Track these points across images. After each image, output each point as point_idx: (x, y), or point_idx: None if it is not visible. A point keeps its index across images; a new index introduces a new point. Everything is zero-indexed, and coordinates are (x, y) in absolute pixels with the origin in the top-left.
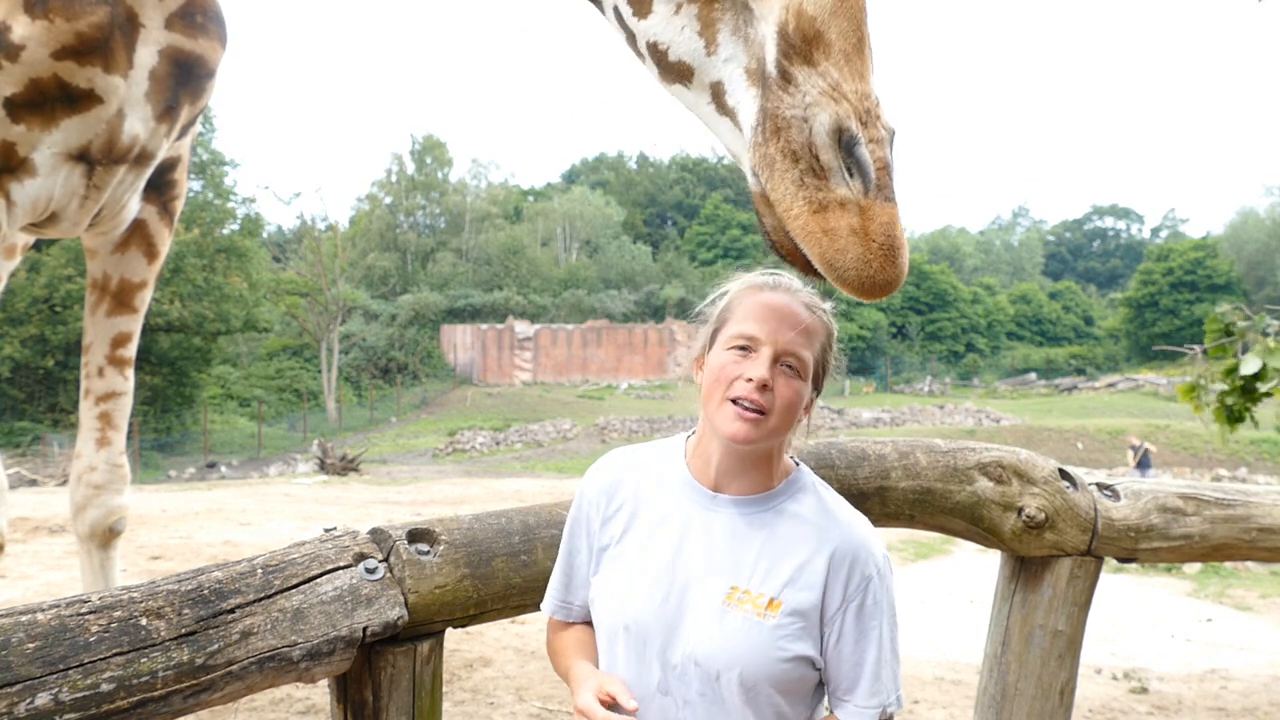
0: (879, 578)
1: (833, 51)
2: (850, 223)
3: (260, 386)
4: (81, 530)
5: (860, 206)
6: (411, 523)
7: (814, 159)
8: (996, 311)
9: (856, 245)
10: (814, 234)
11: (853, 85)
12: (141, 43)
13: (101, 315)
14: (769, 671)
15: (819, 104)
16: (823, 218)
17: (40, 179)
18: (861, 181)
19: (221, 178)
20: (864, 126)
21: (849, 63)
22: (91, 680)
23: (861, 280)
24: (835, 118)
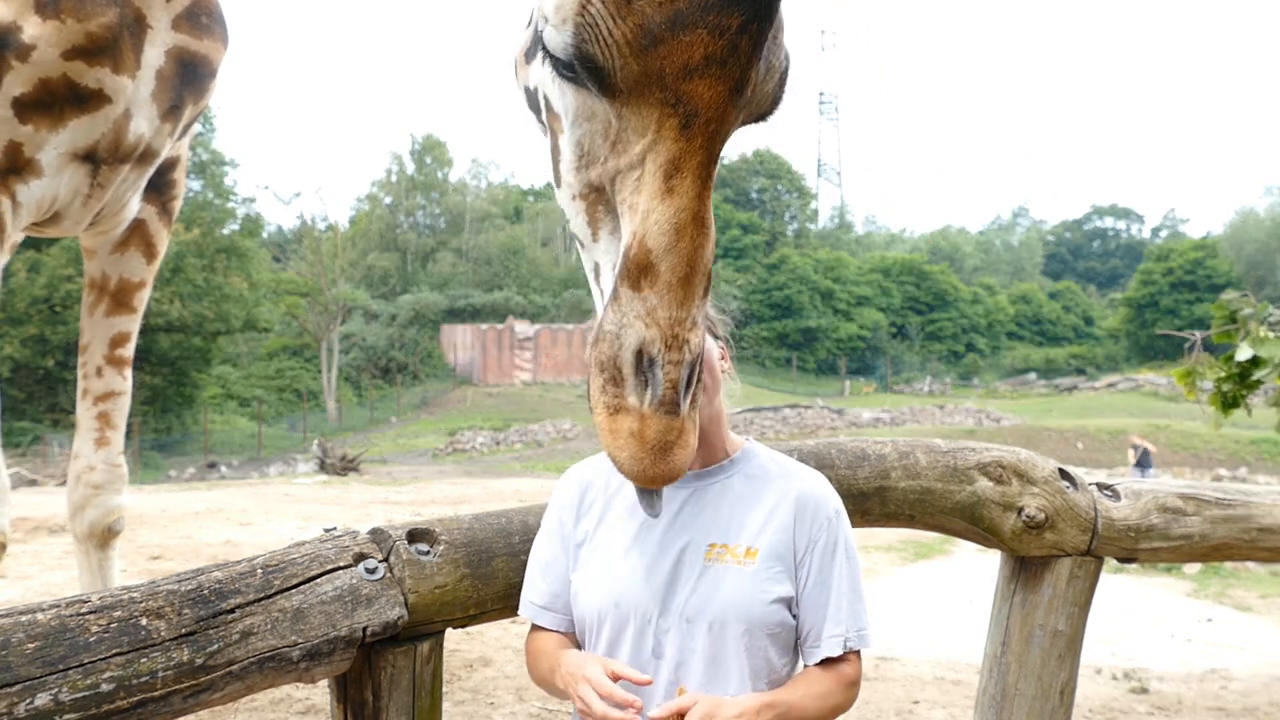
0: (838, 518)
1: (659, 282)
2: (631, 426)
3: (260, 386)
4: (80, 530)
5: (642, 415)
6: (411, 523)
7: (617, 370)
8: (996, 311)
9: (632, 445)
10: (604, 431)
11: (667, 312)
12: (149, 43)
13: (100, 315)
14: (756, 615)
15: (631, 326)
16: (613, 419)
17: (46, 179)
18: (650, 394)
19: (221, 178)
20: (667, 349)
21: (671, 292)
22: (91, 680)
23: (635, 474)
24: (640, 341)
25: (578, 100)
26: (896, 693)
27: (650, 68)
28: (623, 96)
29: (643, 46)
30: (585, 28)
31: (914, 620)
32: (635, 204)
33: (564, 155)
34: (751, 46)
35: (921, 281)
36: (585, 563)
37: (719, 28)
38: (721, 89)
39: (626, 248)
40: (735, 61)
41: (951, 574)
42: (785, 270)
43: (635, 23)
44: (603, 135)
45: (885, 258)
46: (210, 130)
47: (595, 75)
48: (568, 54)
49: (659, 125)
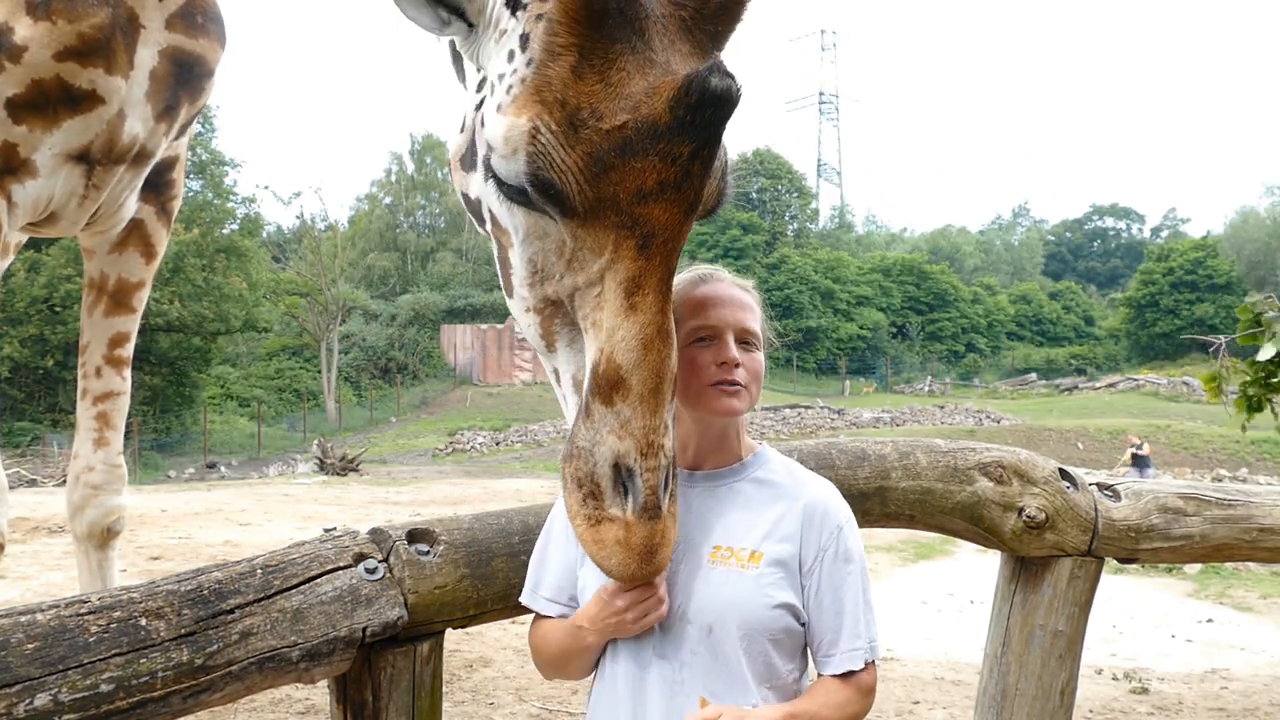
0: (849, 527)
1: (631, 395)
2: (616, 535)
3: (260, 386)
4: (79, 530)
5: (626, 523)
6: (411, 523)
7: (595, 485)
8: (997, 311)
9: (620, 553)
10: (587, 543)
11: (641, 422)
12: (142, 43)
13: (99, 315)
14: (758, 619)
15: (605, 442)
16: (596, 530)
17: (41, 180)
18: (632, 502)
19: (221, 178)
20: (643, 457)
21: (643, 403)
22: (91, 681)
23: (622, 578)
24: (615, 455)
25: (528, 220)
26: (896, 693)
27: (604, 193)
28: (578, 219)
29: (595, 173)
30: (537, 156)
31: (914, 620)
32: (598, 320)
33: (516, 269)
34: (703, 169)
35: (921, 281)
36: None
37: (670, 155)
38: (677, 211)
39: (595, 364)
40: (689, 185)
41: (951, 574)
42: (785, 270)
43: (585, 151)
44: (556, 253)
45: (885, 258)
46: (210, 130)
47: (550, 200)
48: (520, 181)
49: (616, 246)
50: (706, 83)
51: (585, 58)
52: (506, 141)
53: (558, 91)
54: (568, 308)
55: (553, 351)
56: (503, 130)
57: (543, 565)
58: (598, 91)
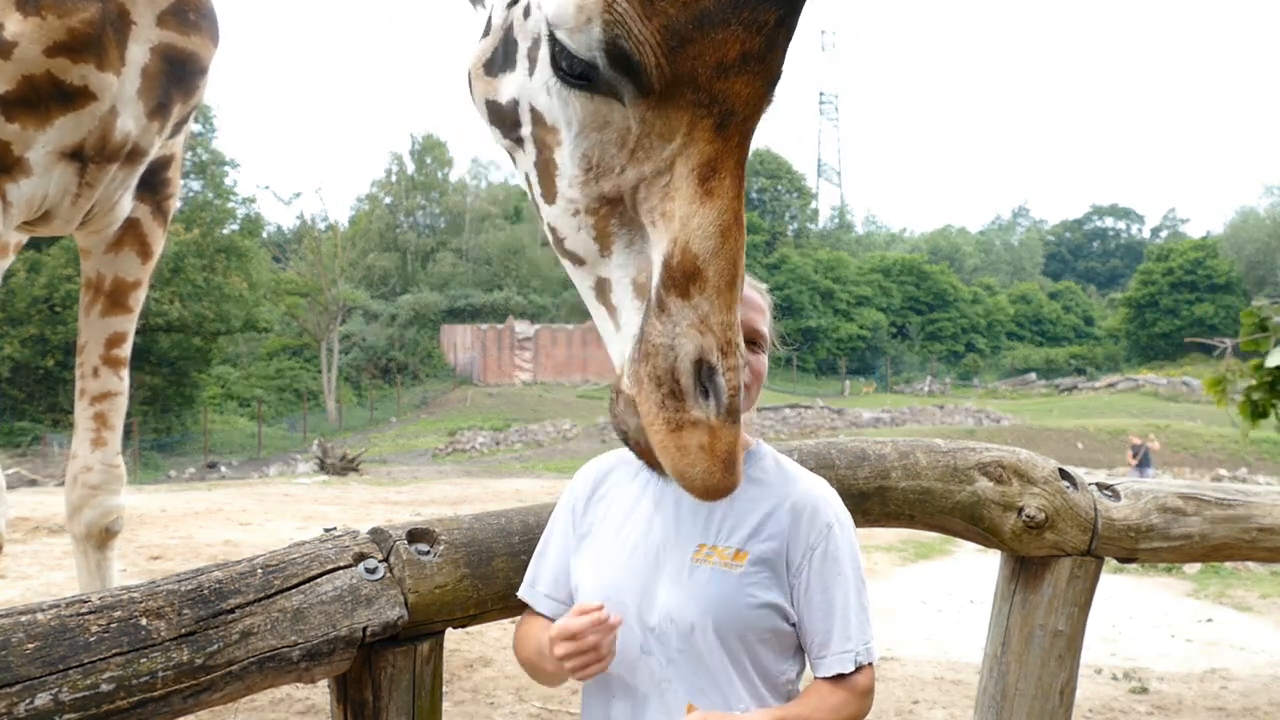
0: (839, 526)
1: (708, 287)
2: (700, 440)
3: (260, 386)
4: (78, 531)
5: (710, 427)
6: (411, 523)
7: (675, 383)
8: (996, 311)
9: (704, 460)
10: (669, 449)
11: (720, 318)
12: (133, 40)
13: (96, 315)
14: (741, 618)
15: (686, 335)
16: (678, 435)
17: (35, 178)
18: (715, 404)
19: (221, 178)
20: (724, 356)
21: (720, 297)
22: (91, 680)
23: (706, 488)
24: (699, 350)
25: (586, 108)
26: (896, 693)
27: (681, 69)
28: (651, 99)
29: (672, 48)
30: (614, 24)
31: (914, 620)
32: (669, 210)
33: (564, 169)
34: (787, 39)
35: (921, 281)
36: (583, 554)
37: (755, 23)
38: (760, 85)
39: (667, 256)
40: (773, 56)
41: (951, 574)
42: (785, 270)
43: (661, 24)
44: (618, 144)
45: (885, 258)
46: (210, 130)
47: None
48: (593, 53)
49: (691, 127)
50: None
51: None
52: (580, 9)
53: None
54: (627, 204)
55: (607, 256)
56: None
57: (542, 558)
58: None
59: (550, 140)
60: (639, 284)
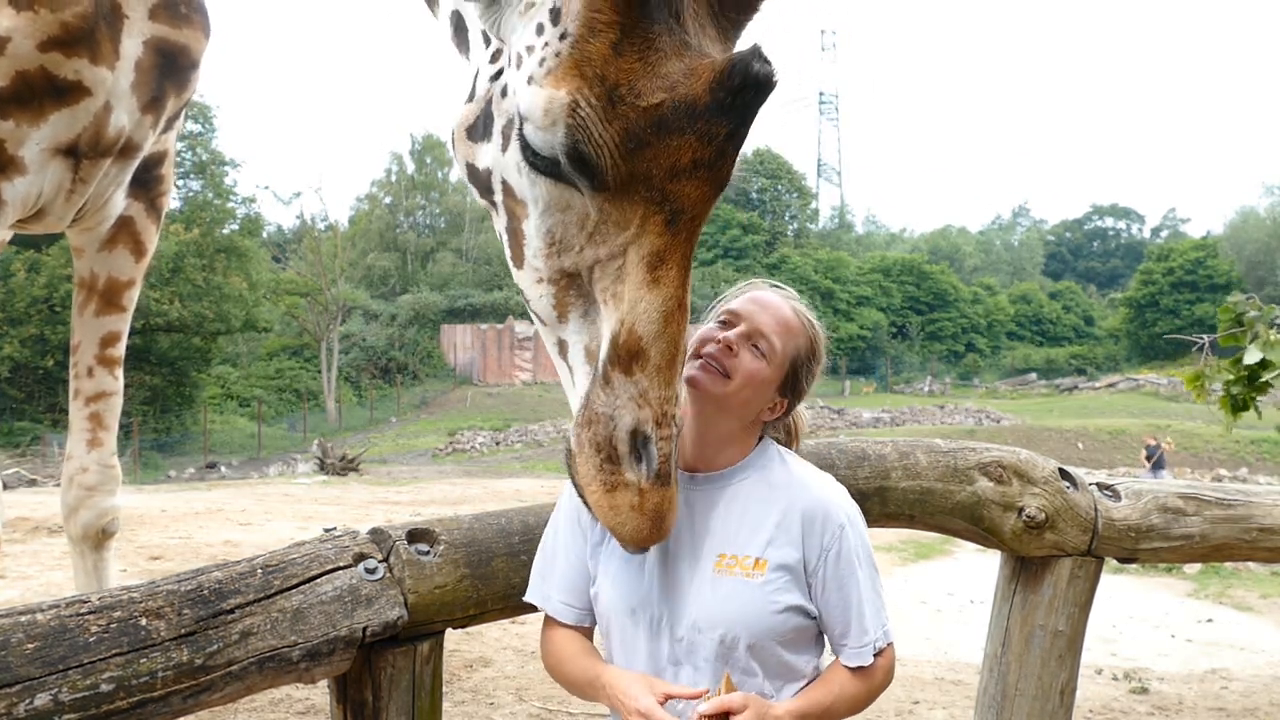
0: (850, 525)
1: (649, 366)
2: (630, 501)
3: (260, 386)
4: (74, 532)
5: (640, 489)
6: (411, 523)
7: (613, 449)
8: (996, 311)
9: (634, 518)
10: (602, 506)
11: (658, 393)
12: (126, 33)
13: (90, 315)
14: (767, 625)
15: (625, 408)
16: (611, 495)
17: (30, 176)
18: (646, 469)
19: (221, 178)
20: (658, 427)
21: (660, 374)
22: (91, 680)
23: (635, 542)
24: (636, 422)
25: (551, 192)
26: (896, 693)
27: (638, 169)
28: (608, 193)
29: (630, 150)
30: (576, 129)
31: (914, 620)
32: (619, 292)
33: (530, 241)
34: (735, 151)
35: (921, 281)
36: (604, 565)
37: (708, 135)
38: (708, 190)
39: (614, 335)
40: (722, 165)
41: (951, 574)
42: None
43: (622, 127)
44: (578, 226)
45: (885, 258)
46: (210, 130)
47: (586, 172)
48: (555, 153)
49: (644, 220)
50: (750, 67)
51: (626, 35)
52: (546, 113)
53: (597, 67)
54: (584, 280)
55: (564, 323)
56: (542, 102)
57: (551, 564)
58: (636, 69)
59: (519, 212)
60: (591, 351)
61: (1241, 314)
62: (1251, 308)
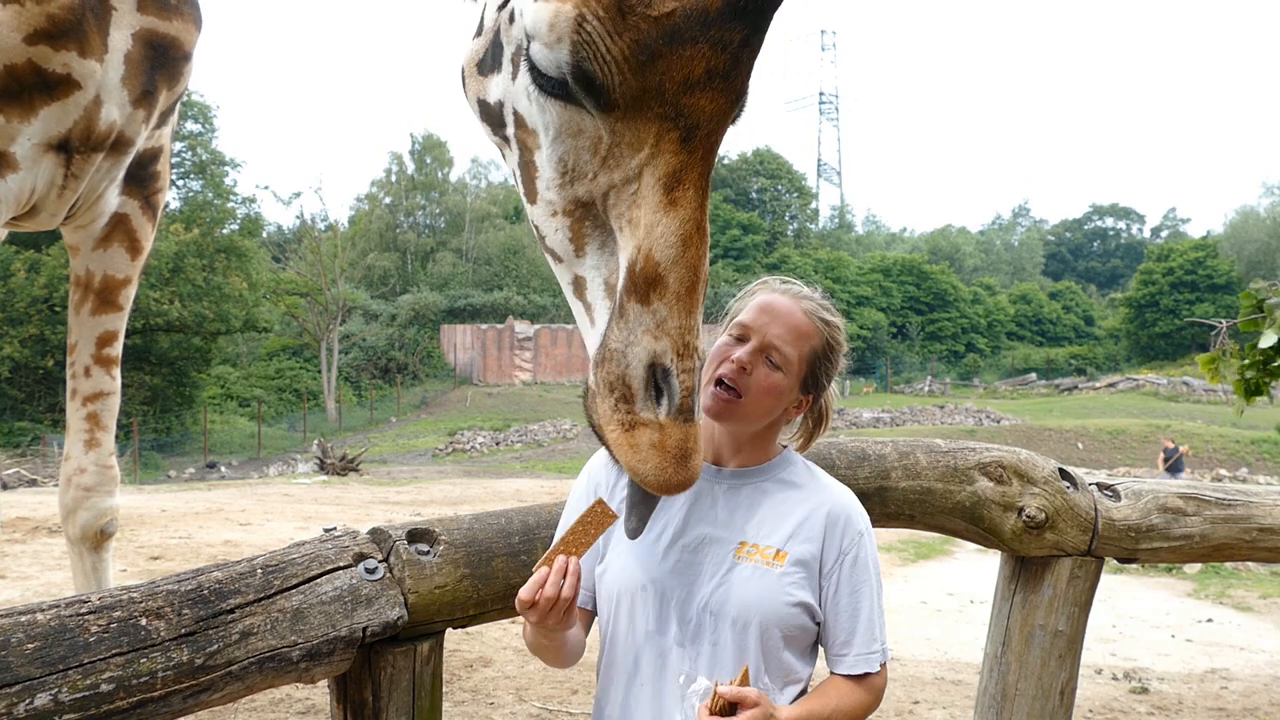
0: (868, 535)
1: (668, 293)
2: (651, 439)
3: (260, 386)
4: (72, 533)
5: (661, 425)
6: (411, 523)
7: (627, 388)
8: (996, 311)
9: (655, 456)
10: (621, 446)
11: (678, 322)
12: (114, 25)
13: (86, 314)
14: (778, 615)
15: (640, 342)
16: (630, 434)
17: (22, 172)
18: (667, 404)
19: (221, 178)
20: (679, 358)
21: (679, 302)
22: (91, 680)
23: (659, 483)
24: (651, 355)
25: (562, 116)
26: (896, 693)
27: (649, 83)
28: (619, 112)
29: (641, 62)
30: (582, 45)
31: (914, 620)
32: (635, 218)
33: (542, 171)
34: (751, 58)
35: (921, 281)
36: (618, 540)
37: (721, 42)
38: (724, 101)
39: (631, 262)
40: (737, 74)
41: (951, 574)
42: (785, 270)
43: (632, 39)
44: (591, 150)
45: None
46: (210, 130)
47: (592, 92)
48: (562, 72)
49: (658, 139)
50: None
51: None
52: (551, 29)
53: None
54: (599, 209)
55: (581, 256)
56: (548, 16)
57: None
58: None
59: (531, 143)
60: (610, 284)
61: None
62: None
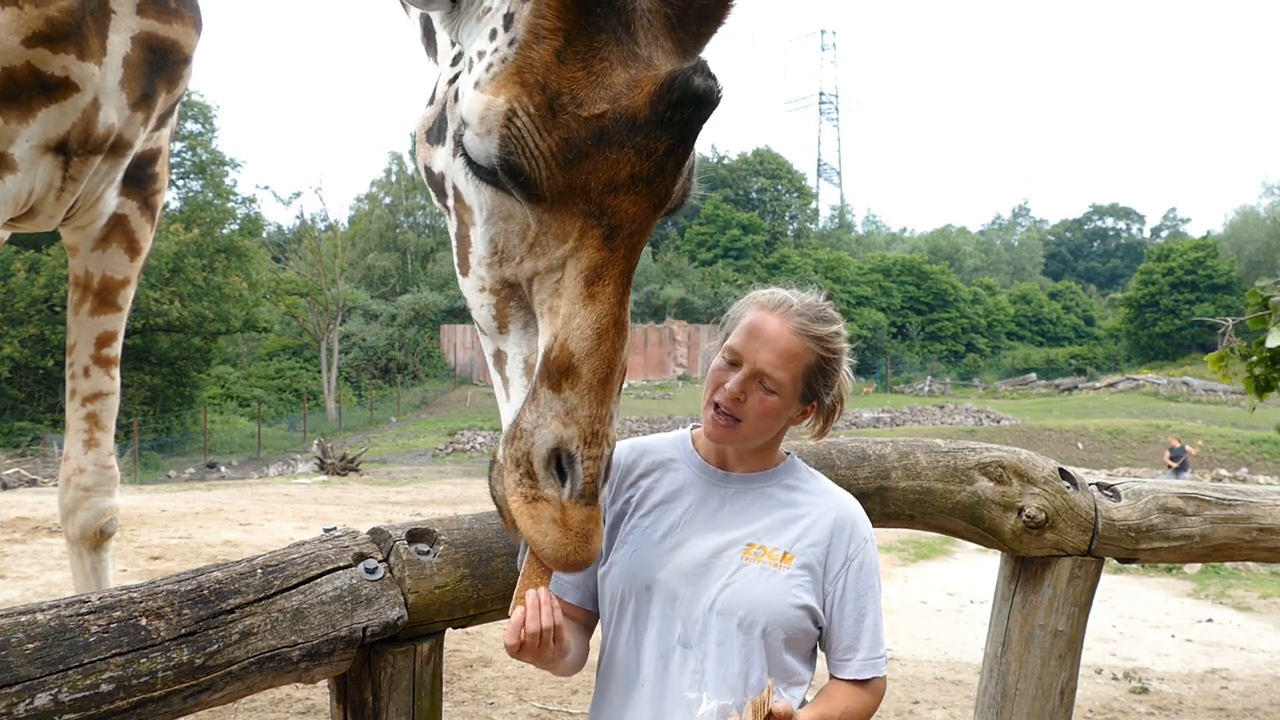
0: (872, 542)
1: (579, 383)
2: (552, 514)
3: (260, 386)
4: (72, 533)
5: (562, 505)
6: (411, 523)
7: (530, 466)
8: (997, 311)
9: (555, 531)
10: (523, 517)
11: (587, 411)
12: (114, 29)
13: (85, 314)
14: (783, 616)
15: (548, 425)
16: (532, 506)
17: (21, 174)
18: (569, 487)
19: (221, 178)
20: (586, 445)
21: (591, 392)
22: (91, 680)
23: (556, 557)
24: (557, 440)
25: (494, 200)
26: (896, 693)
27: (575, 181)
28: (545, 204)
29: (569, 160)
30: (511, 140)
31: (914, 620)
32: (555, 306)
33: (475, 249)
34: (676, 167)
35: (921, 281)
36: (621, 541)
37: (647, 149)
38: (647, 206)
39: (547, 350)
40: (661, 181)
41: (951, 574)
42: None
43: (561, 136)
44: (519, 236)
45: (885, 258)
46: (210, 130)
47: (520, 184)
48: (491, 163)
49: (581, 234)
50: (690, 81)
51: (570, 43)
52: (482, 120)
53: (539, 75)
54: (525, 291)
55: (504, 334)
56: (479, 108)
57: None
58: (579, 79)
59: (467, 219)
60: (529, 364)
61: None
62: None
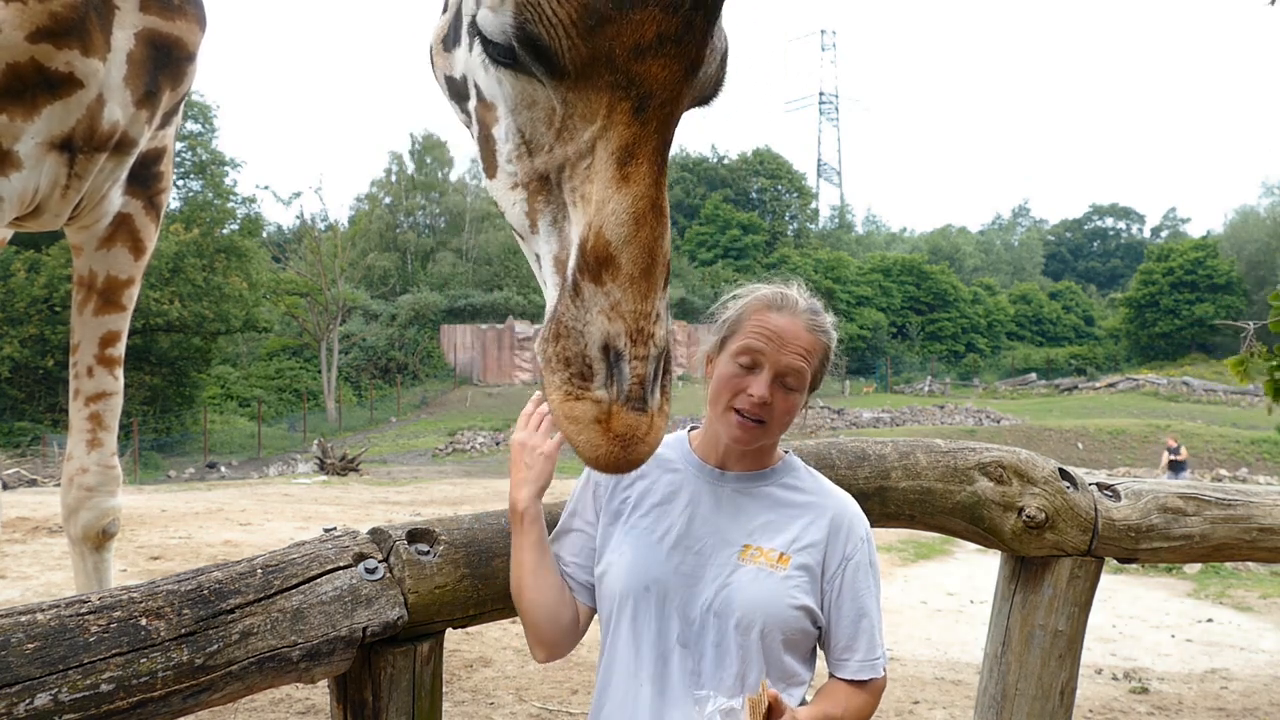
0: (870, 541)
1: (620, 275)
2: (595, 414)
3: (260, 386)
4: (74, 533)
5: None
6: (411, 523)
7: (586, 367)
8: (997, 311)
9: (593, 432)
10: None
11: (632, 305)
12: (117, 25)
13: (89, 314)
14: (780, 617)
15: (595, 322)
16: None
17: (26, 171)
18: (617, 390)
19: (221, 178)
20: (632, 344)
21: (634, 285)
22: (91, 680)
23: (592, 457)
24: (605, 336)
25: (516, 87)
26: (896, 693)
27: (599, 49)
28: (569, 80)
29: (589, 26)
30: (526, 6)
31: (914, 620)
32: (587, 193)
33: (501, 145)
34: (706, 22)
35: (921, 281)
36: (619, 542)
37: (671, 4)
38: (677, 69)
39: (582, 240)
40: (690, 39)
41: (951, 574)
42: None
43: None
44: (546, 123)
45: (885, 258)
46: (210, 130)
47: (539, 58)
48: (507, 36)
49: (610, 110)
50: None
51: None
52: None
53: None
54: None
55: (535, 233)
56: None
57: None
58: None
59: (489, 117)
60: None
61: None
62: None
